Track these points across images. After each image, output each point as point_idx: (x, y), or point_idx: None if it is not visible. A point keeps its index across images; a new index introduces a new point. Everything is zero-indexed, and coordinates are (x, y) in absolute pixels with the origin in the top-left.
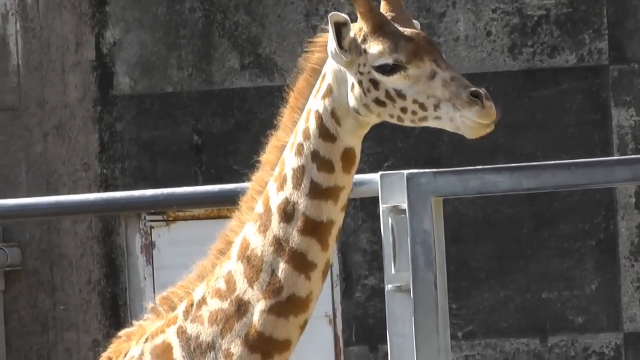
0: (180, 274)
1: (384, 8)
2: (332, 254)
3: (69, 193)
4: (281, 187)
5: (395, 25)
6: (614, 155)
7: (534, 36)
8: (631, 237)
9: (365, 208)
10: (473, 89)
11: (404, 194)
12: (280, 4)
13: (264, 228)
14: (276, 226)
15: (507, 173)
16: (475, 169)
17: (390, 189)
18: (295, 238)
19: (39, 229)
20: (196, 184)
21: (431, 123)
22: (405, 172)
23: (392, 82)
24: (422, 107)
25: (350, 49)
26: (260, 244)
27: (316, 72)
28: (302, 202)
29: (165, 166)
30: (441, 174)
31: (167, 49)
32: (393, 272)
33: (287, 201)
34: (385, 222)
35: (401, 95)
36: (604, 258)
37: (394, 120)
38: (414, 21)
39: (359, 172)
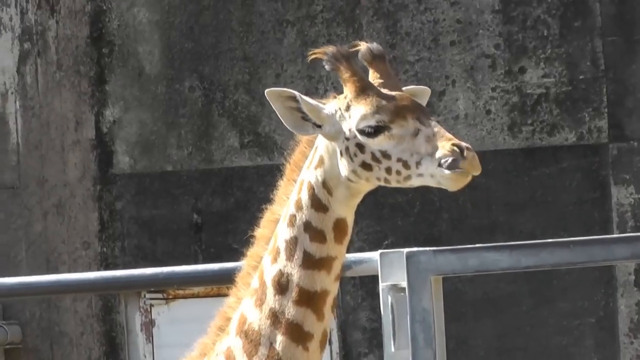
0: (181, 352)
1: (372, 76)
2: (329, 324)
3: (69, 271)
4: (275, 259)
5: (380, 88)
6: (613, 233)
7: (534, 114)
8: (630, 315)
9: (365, 286)
10: (456, 141)
11: (404, 272)
12: (280, 83)
13: (260, 302)
14: (272, 299)
15: (506, 251)
16: (475, 247)
17: (390, 267)
18: (290, 309)
19: (39, 307)
20: (196, 262)
21: (415, 181)
22: (405, 250)
23: (378, 143)
24: (406, 165)
25: (332, 122)
26: (257, 318)
27: (312, 144)
28: (295, 273)
29: (165, 245)
30: (441, 252)
31: (166, 128)
32: (393, 350)
33: (281, 273)
34: (385, 300)
35: (386, 155)
36: (604, 335)
37: (381, 183)
38: (424, 87)
39: (358, 250)
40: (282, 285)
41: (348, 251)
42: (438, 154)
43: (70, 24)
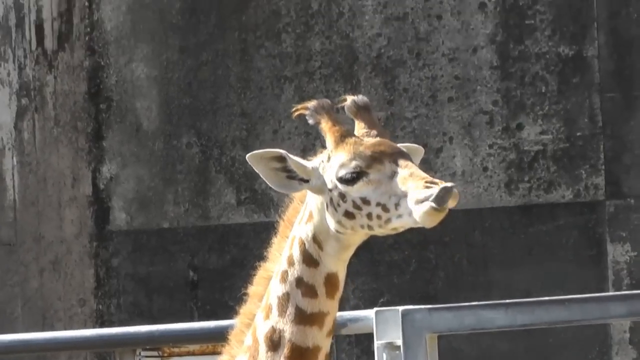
0: None
1: (357, 127)
2: None
3: (64, 328)
4: (267, 316)
5: (363, 137)
6: (609, 291)
7: (531, 171)
8: None
9: (360, 344)
10: (429, 178)
11: (399, 330)
12: (277, 140)
13: (253, 359)
14: (264, 356)
15: (502, 309)
16: (470, 305)
17: (385, 325)
18: None
19: None
20: (192, 319)
21: (395, 223)
22: (400, 308)
23: (357, 190)
24: (385, 208)
25: (316, 175)
26: None
27: (304, 200)
28: (287, 329)
29: (161, 302)
30: (436, 310)
31: (163, 184)
32: None
33: (273, 329)
34: (380, 358)
35: (366, 201)
36: None
37: (366, 231)
38: (417, 146)
39: (354, 308)
40: (274, 342)
41: (343, 309)
42: (413, 192)
43: (68, 80)
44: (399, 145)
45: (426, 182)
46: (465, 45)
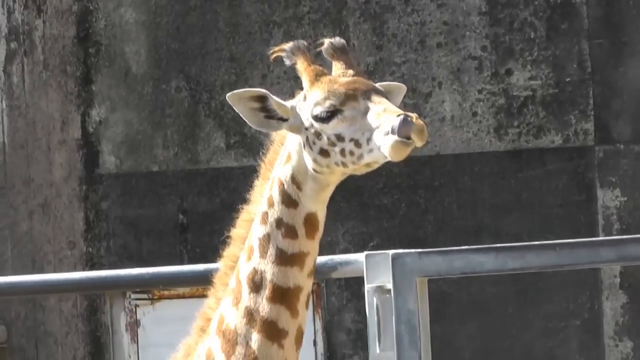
0: (166, 352)
1: (335, 68)
2: (304, 320)
3: (54, 271)
4: (249, 257)
5: (339, 76)
6: (599, 236)
7: (520, 117)
8: (616, 317)
9: (350, 287)
10: (402, 112)
11: (389, 274)
12: (266, 84)
13: (237, 301)
14: (246, 297)
15: (492, 253)
16: (460, 249)
17: (376, 269)
18: (265, 307)
19: (25, 307)
20: (181, 262)
21: (367, 158)
22: (391, 252)
23: (332, 127)
24: (357, 144)
25: (294, 115)
26: (234, 318)
27: (284, 142)
28: (269, 270)
29: (151, 245)
30: (426, 254)
31: (152, 128)
32: (378, 351)
33: (255, 271)
34: (370, 301)
35: (340, 138)
36: (589, 338)
37: (341, 169)
38: (399, 84)
39: (344, 251)
40: (256, 283)
41: (334, 252)
42: (385, 125)
43: (57, 24)
44: (379, 84)
45: (398, 114)
46: None
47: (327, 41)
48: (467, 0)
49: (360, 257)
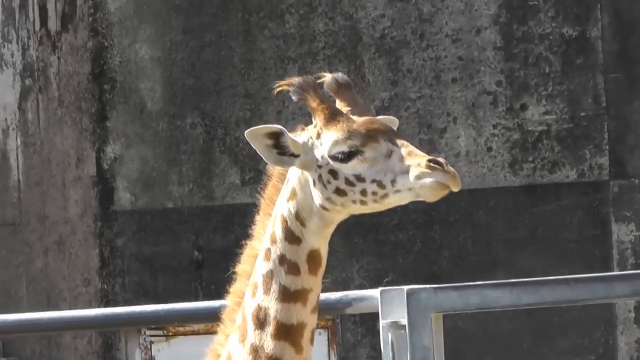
0: None
1: (339, 105)
2: (309, 356)
3: (69, 308)
4: (254, 294)
5: (349, 114)
6: (614, 271)
7: (535, 152)
8: (630, 352)
9: (365, 323)
10: (431, 157)
11: (404, 310)
12: (282, 120)
13: (243, 338)
14: (252, 334)
15: (506, 289)
16: (475, 285)
17: (391, 305)
18: (269, 344)
19: (39, 344)
20: (196, 299)
21: (393, 199)
22: (406, 287)
23: (351, 168)
24: (381, 185)
25: (304, 151)
26: (240, 355)
27: (283, 178)
28: (272, 307)
29: (166, 281)
30: (441, 289)
31: (167, 165)
32: None
33: (259, 307)
34: (385, 337)
35: (360, 178)
36: None
37: (357, 207)
38: (392, 117)
39: (359, 287)
40: (260, 320)
41: (348, 288)
42: (415, 170)
43: (71, 60)
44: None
45: (428, 160)
46: (468, 26)
47: (330, 76)
48: (482, 36)
49: (375, 292)
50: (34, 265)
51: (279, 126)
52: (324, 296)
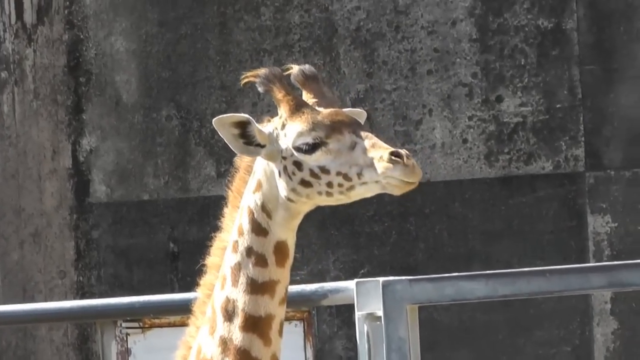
0: None
1: (306, 97)
2: (278, 348)
3: (45, 300)
4: (222, 286)
5: (314, 106)
6: (589, 262)
7: (510, 143)
8: (607, 343)
9: (340, 315)
10: (393, 150)
11: (380, 301)
12: (257, 112)
13: (212, 330)
14: (221, 326)
15: (482, 280)
16: (451, 277)
17: (366, 296)
18: (238, 336)
19: (15, 336)
20: (172, 291)
21: (359, 190)
22: (381, 279)
23: (315, 159)
24: (346, 177)
25: (270, 141)
26: (210, 347)
27: (250, 170)
28: (240, 299)
29: (142, 274)
30: (417, 281)
31: (143, 157)
32: None
33: (227, 300)
34: (361, 329)
35: (325, 170)
36: None
37: (323, 198)
38: (360, 110)
39: (334, 279)
40: (229, 312)
41: (324, 280)
42: (378, 164)
43: (47, 53)
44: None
45: (390, 152)
46: (444, 18)
47: (297, 68)
48: (458, 28)
49: (350, 284)
50: (10, 257)
51: (246, 115)
52: (300, 288)
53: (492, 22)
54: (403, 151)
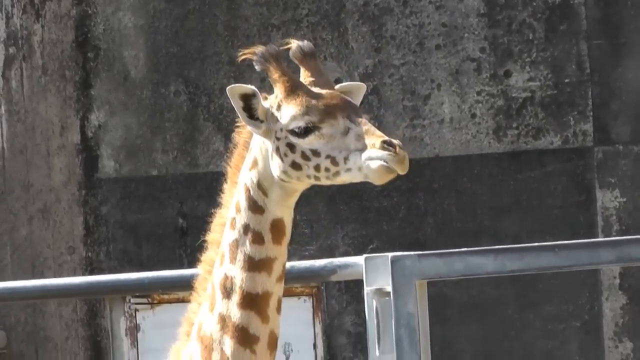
0: (166, 356)
1: (303, 75)
2: (276, 325)
3: (54, 276)
4: (221, 262)
5: (311, 87)
6: (598, 237)
7: (519, 118)
8: (615, 318)
9: (349, 290)
10: (386, 138)
11: (389, 277)
12: (265, 87)
13: (212, 307)
14: (220, 303)
15: (491, 255)
16: (460, 252)
17: (375, 272)
18: (235, 313)
19: (24, 312)
20: (181, 266)
21: (344, 176)
22: (390, 254)
23: (308, 143)
24: (334, 161)
25: (267, 119)
26: (209, 324)
27: (248, 146)
28: (238, 276)
29: (151, 249)
30: (425, 256)
31: (151, 132)
32: (377, 354)
33: (226, 277)
34: (370, 304)
35: (316, 153)
36: (589, 339)
37: (312, 181)
38: (359, 83)
39: (343, 254)
40: (227, 289)
41: (333, 255)
42: (369, 151)
43: (55, 29)
44: (340, 85)
45: (383, 140)
46: None
47: (295, 44)
48: (466, 2)
49: (359, 260)
50: (19, 233)
51: (253, 87)
52: (309, 263)
53: None
54: (396, 141)
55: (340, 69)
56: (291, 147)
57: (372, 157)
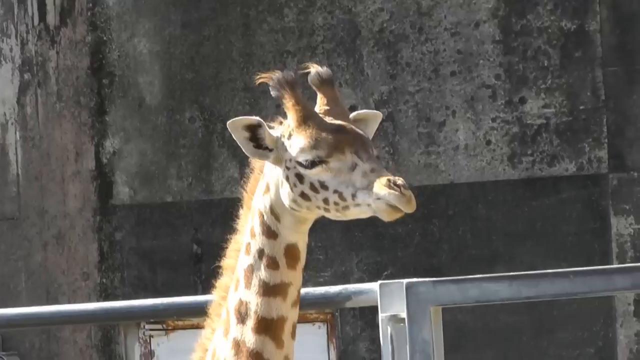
0: None
1: (320, 102)
2: (291, 351)
3: (68, 302)
4: (236, 288)
5: (324, 117)
6: (613, 264)
7: (534, 145)
8: (630, 345)
9: (364, 317)
10: (391, 177)
11: (403, 303)
12: (280, 114)
13: (226, 332)
14: (234, 328)
15: (506, 282)
16: (475, 278)
17: (390, 298)
18: (250, 338)
19: (39, 338)
20: (196, 293)
21: (353, 211)
22: (405, 281)
23: (316, 174)
24: (342, 197)
25: (277, 147)
26: (224, 349)
27: (263, 171)
28: (253, 301)
29: (165, 275)
30: (440, 282)
31: (166, 159)
32: None
33: (241, 302)
34: (385, 331)
35: (324, 186)
36: None
37: (322, 212)
38: (375, 112)
39: (358, 280)
40: (242, 314)
41: (348, 282)
42: (375, 190)
43: (70, 55)
44: (357, 112)
45: (388, 179)
46: (467, 19)
47: (314, 69)
48: (481, 29)
49: (374, 286)
50: (33, 259)
51: (258, 118)
52: (323, 290)
53: (515, 24)
54: (400, 180)
55: (355, 96)
56: (300, 177)
57: (379, 197)
